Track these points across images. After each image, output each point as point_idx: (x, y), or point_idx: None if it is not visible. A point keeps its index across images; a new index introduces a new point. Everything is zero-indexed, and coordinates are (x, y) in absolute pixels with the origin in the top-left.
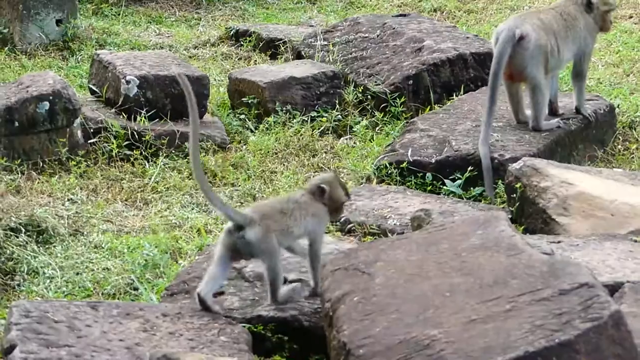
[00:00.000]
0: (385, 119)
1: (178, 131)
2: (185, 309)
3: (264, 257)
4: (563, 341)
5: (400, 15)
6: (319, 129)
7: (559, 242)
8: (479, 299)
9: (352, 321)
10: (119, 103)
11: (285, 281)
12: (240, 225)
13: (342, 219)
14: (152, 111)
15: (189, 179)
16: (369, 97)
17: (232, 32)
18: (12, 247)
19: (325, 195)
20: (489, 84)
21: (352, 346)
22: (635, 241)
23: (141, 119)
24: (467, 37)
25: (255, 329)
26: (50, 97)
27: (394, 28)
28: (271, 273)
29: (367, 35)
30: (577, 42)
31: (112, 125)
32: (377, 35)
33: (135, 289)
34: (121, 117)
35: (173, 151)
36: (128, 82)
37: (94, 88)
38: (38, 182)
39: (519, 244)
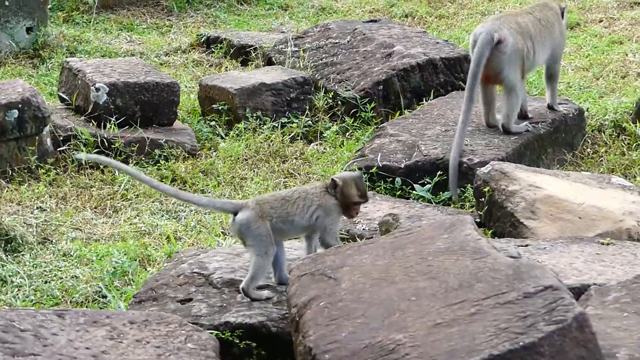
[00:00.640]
0: (355, 124)
1: (148, 138)
2: (153, 316)
3: (253, 240)
4: (527, 344)
5: (371, 21)
6: (289, 135)
7: (526, 245)
8: (444, 302)
9: (318, 326)
10: (89, 110)
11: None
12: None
13: None
14: (122, 118)
15: None
16: (339, 102)
17: (203, 39)
18: None
19: (337, 189)
20: (467, 84)
21: (317, 351)
22: (603, 244)
23: (111, 127)
24: (437, 43)
25: (222, 336)
26: (19, 105)
27: (364, 34)
28: (256, 260)
29: (337, 41)
30: (551, 46)
31: (81, 132)
32: (348, 41)
33: (104, 296)
34: (91, 124)
35: (143, 158)
36: (97, 90)
37: (63, 96)
38: (7, 191)
39: (484, 247)
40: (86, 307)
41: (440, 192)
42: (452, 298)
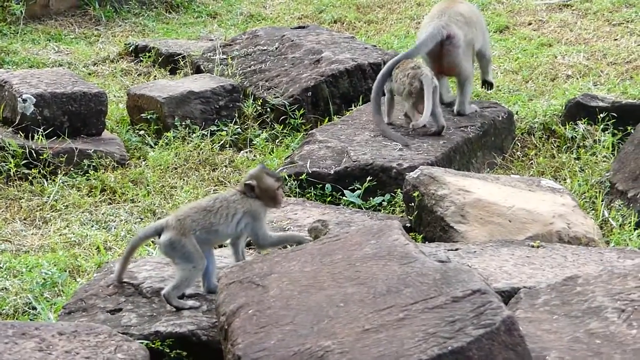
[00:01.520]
0: (285, 131)
1: (76, 148)
2: (82, 327)
3: (180, 258)
4: (455, 348)
5: (299, 27)
6: (218, 142)
7: (456, 249)
8: (373, 308)
9: (246, 334)
10: (16, 122)
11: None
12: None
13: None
14: (50, 129)
15: (88, 196)
16: (268, 109)
17: (131, 48)
18: None
19: (255, 190)
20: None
21: (246, 359)
22: (532, 247)
23: (39, 138)
24: (366, 48)
25: (153, 345)
26: None
27: (292, 40)
28: (182, 273)
29: (265, 48)
30: (482, 30)
31: (9, 144)
32: (276, 48)
33: (34, 308)
34: (19, 135)
35: (72, 169)
36: (24, 101)
37: None
38: None
39: (412, 252)
40: (16, 319)
41: (370, 198)
42: (380, 303)
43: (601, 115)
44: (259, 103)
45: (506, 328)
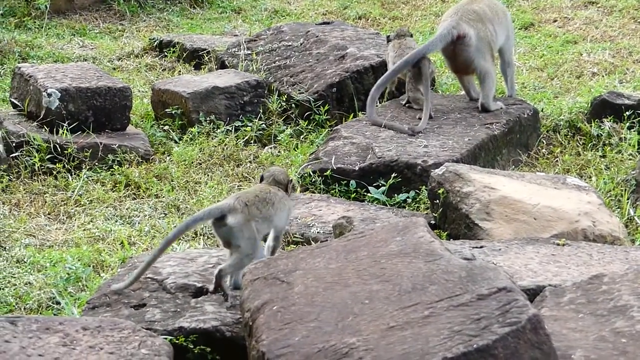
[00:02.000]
0: (309, 127)
1: (101, 143)
2: (106, 322)
3: (244, 242)
4: (481, 346)
5: (324, 23)
6: (243, 138)
7: (481, 247)
8: (398, 305)
9: (271, 330)
10: (41, 116)
11: (207, 292)
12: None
13: None
14: (75, 124)
15: (113, 191)
16: (293, 105)
17: (155, 43)
18: None
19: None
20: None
21: (270, 356)
22: (558, 245)
23: (63, 132)
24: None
25: (177, 341)
26: None
27: (317, 36)
28: (244, 258)
29: (290, 43)
30: (506, 29)
31: (34, 138)
32: (301, 44)
33: (58, 303)
34: (43, 130)
35: (96, 164)
36: (49, 95)
37: (15, 102)
38: None
39: (437, 249)
40: (40, 313)
41: (395, 195)
42: (405, 301)
43: (627, 113)
44: (284, 99)
45: (532, 326)
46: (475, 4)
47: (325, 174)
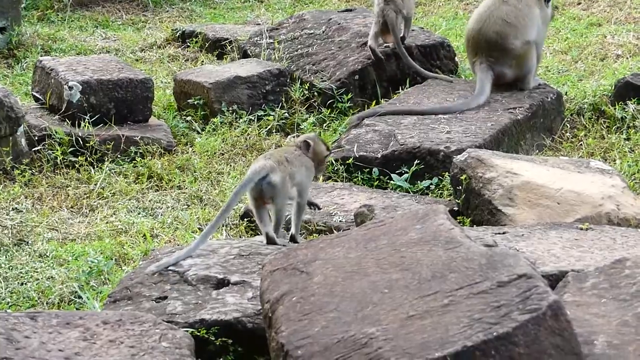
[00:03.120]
0: (332, 115)
1: (123, 135)
2: (127, 315)
3: (281, 197)
4: (501, 334)
5: (346, 10)
6: (265, 127)
7: (504, 232)
8: (417, 294)
9: (290, 322)
10: (63, 109)
11: (228, 284)
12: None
13: (287, 216)
14: (96, 116)
15: (135, 184)
16: (315, 93)
17: (178, 34)
18: None
19: (310, 149)
20: None
21: (290, 347)
22: (581, 229)
23: (85, 125)
24: (413, 30)
25: (198, 333)
26: None
27: (339, 23)
28: (279, 211)
29: (312, 31)
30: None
31: (56, 132)
32: (323, 31)
33: (80, 297)
34: (65, 123)
35: (119, 156)
36: (71, 88)
37: (37, 95)
38: None
39: (457, 236)
40: (61, 308)
41: (418, 182)
42: (425, 289)
43: None
44: (306, 87)
45: (552, 313)
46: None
47: (347, 162)
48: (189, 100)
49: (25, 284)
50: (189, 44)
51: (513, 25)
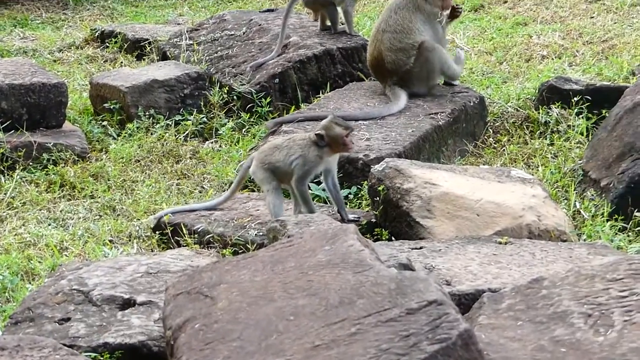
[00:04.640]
0: (251, 119)
1: (35, 142)
2: (25, 340)
3: (259, 183)
4: None
5: (267, 10)
6: (183, 133)
7: (420, 247)
8: (324, 322)
9: (191, 351)
10: None
11: (134, 304)
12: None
13: (200, 230)
14: (7, 122)
15: (47, 193)
16: (234, 97)
17: (97, 34)
18: None
19: (325, 140)
20: None
21: None
22: (500, 243)
23: None
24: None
25: (101, 358)
26: None
27: (260, 25)
28: (266, 197)
29: (233, 32)
30: None
31: None
32: (243, 33)
33: None
34: None
35: (30, 163)
36: None
37: None
38: None
39: (367, 259)
40: None
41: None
42: (332, 316)
43: (575, 98)
44: (225, 91)
45: (463, 342)
46: None
47: None
48: (105, 105)
49: None
50: (108, 44)
51: (401, 50)
